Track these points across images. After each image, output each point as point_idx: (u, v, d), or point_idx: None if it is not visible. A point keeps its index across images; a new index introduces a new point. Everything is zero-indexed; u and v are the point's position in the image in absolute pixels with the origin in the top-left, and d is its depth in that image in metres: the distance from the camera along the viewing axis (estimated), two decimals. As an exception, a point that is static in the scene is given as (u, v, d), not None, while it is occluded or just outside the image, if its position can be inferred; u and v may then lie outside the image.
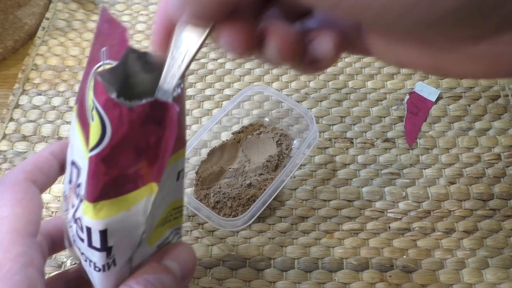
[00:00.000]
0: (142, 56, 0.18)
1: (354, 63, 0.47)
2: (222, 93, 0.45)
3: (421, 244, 0.35)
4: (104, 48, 0.18)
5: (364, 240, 0.36)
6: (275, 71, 0.46)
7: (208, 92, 0.45)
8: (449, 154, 0.40)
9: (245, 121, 0.42)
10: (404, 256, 0.35)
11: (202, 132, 0.38)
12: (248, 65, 0.47)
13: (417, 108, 0.43)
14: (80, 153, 0.19)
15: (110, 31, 0.18)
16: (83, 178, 0.19)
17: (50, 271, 0.34)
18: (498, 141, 0.41)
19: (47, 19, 0.50)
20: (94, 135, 0.16)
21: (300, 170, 0.39)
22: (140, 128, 0.16)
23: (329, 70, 0.46)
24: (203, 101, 0.44)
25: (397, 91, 0.45)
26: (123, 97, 0.16)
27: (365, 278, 0.34)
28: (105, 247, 0.19)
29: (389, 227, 0.36)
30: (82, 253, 0.20)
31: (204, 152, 0.40)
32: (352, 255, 0.35)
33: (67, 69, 0.46)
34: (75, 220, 0.19)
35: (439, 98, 0.44)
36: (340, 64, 0.47)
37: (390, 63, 0.18)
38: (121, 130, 0.16)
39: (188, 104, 0.44)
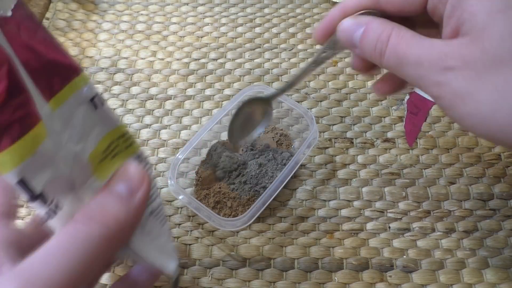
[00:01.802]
0: None
1: (354, 63, 0.47)
2: (222, 93, 0.45)
3: (421, 244, 0.35)
4: None
5: (364, 240, 0.36)
6: (275, 71, 0.46)
7: (208, 92, 0.45)
8: (449, 154, 0.40)
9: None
10: (404, 256, 0.35)
11: (202, 132, 0.38)
12: (248, 65, 0.47)
13: (417, 108, 0.43)
14: None
15: None
16: None
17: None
18: (498, 141, 0.41)
19: (47, 19, 0.50)
20: None
21: (300, 170, 0.39)
22: None
23: (329, 70, 0.46)
24: (203, 101, 0.44)
25: (397, 91, 0.45)
26: None
27: (365, 278, 0.34)
28: (35, 195, 0.18)
29: (389, 227, 0.36)
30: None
31: (204, 152, 0.40)
32: (352, 255, 0.35)
33: None
34: None
35: (439, 98, 0.44)
36: (340, 64, 0.47)
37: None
38: None
39: (188, 104, 0.44)
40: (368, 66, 0.26)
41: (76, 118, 0.19)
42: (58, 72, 0.18)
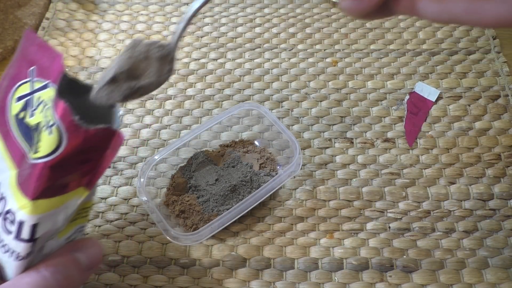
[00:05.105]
0: (72, 82, 0.22)
1: (354, 63, 0.47)
2: (222, 93, 0.45)
3: (421, 244, 0.35)
4: (33, 67, 0.22)
5: (364, 240, 0.36)
6: (275, 71, 0.46)
7: (208, 92, 0.45)
8: (449, 154, 0.40)
9: (243, 136, 0.42)
10: (404, 256, 0.35)
11: (188, 137, 0.38)
12: (248, 65, 0.47)
13: (417, 108, 0.43)
14: None
15: (41, 53, 0.22)
16: (4, 178, 0.22)
17: None
18: (498, 141, 0.41)
19: (47, 19, 0.50)
20: (48, 146, 0.19)
21: (300, 170, 0.39)
22: (89, 146, 0.20)
23: (329, 70, 0.46)
24: (203, 101, 0.44)
25: (397, 91, 0.45)
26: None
27: (365, 278, 0.34)
28: (32, 239, 0.21)
29: (389, 227, 0.36)
30: (4, 245, 0.22)
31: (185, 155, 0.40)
32: (352, 255, 0.35)
33: (66, 69, 0.46)
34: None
35: (439, 98, 0.44)
36: (340, 64, 0.47)
37: (434, 18, 0.21)
38: (74, 145, 0.20)
39: (188, 104, 0.44)
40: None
41: None
42: (112, 159, 0.22)
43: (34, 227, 0.21)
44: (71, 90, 0.21)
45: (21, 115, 0.22)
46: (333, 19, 0.51)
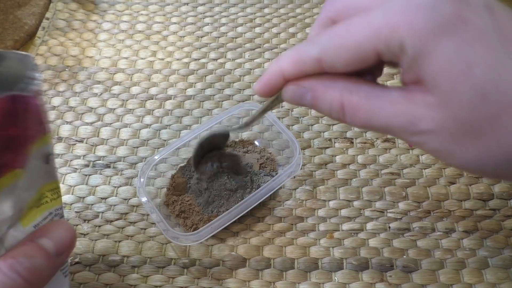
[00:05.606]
0: None
1: (354, 63, 0.47)
2: (222, 93, 0.45)
3: (421, 244, 0.35)
4: None
5: (364, 240, 0.36)
6: (275, 71, 0.46)
7: (208, 92, 0.45)
8: (449, 154, 0.40)
9: (243, 136, 0.42)
10: (404, 256, 0.35)
11: (188, 137, 0.37)
12: (248, 65, 0.47)
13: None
14: None
15: None
16: None
17: None
18: (498, 141, 0.41)
19: (47, 19, 0.50)
20: None
21: (300, 170, 0.39)
22: (2, 118, 0.17)
23: (329, 70, 0.46)
24: (203, 101, 0.44)
25: (397, 91, 0.44)
26: None
27: (365, 278, 0.34)
28: None
29: (389, 227, 0.36)
30: None
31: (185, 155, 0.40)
32: (352, 255, 0.35)
33: (67, 69, 0.46)
34: None
35: (439, 98, 0.44)
36: (340, 64, 0.47)
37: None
38: None
39: (188, 104, 0.44)
40: None
41: (32, 168, 0.20)
42: (38, 129, 0.20)
43: None
44: None
45: None
46: (333, 19, 0.51)
